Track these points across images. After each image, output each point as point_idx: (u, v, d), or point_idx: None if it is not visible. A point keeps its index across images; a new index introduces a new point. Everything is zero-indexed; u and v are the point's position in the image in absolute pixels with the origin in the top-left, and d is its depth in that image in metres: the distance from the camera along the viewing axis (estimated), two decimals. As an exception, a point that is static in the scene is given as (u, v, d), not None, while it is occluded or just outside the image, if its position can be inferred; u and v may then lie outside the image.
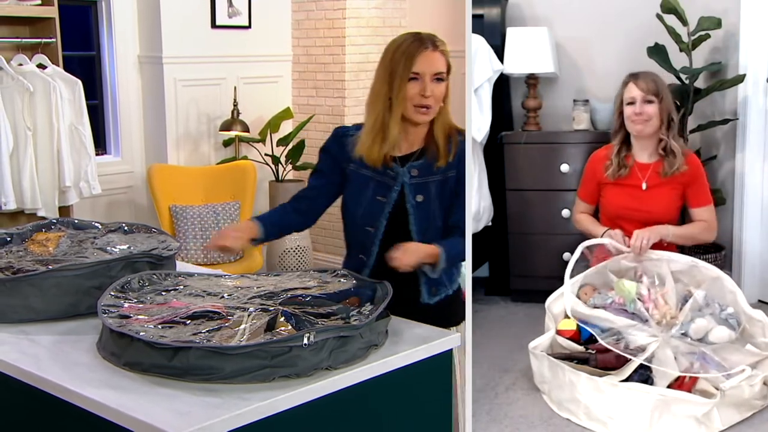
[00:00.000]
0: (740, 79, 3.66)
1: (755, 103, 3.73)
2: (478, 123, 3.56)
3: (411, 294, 2.06)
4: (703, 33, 3.60)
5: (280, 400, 1.48)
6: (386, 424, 1.70)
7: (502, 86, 3.96)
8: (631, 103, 3.11)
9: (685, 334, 2.77)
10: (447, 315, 2.11)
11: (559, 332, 2.90)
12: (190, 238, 4.36)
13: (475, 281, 3.88)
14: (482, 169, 3.66)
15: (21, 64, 3.67)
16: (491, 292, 3.92)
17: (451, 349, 1.79)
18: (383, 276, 2.02)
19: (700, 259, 3.13)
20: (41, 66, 3.71)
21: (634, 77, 3.16)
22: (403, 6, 5.21)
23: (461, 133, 2.04)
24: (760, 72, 3.70)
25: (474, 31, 3.56)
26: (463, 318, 2.14)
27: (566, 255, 3.50)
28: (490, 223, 3.79)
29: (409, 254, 1.92)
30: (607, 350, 2.75)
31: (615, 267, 3.01)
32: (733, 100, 3.81)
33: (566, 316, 2.94)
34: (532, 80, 3.92)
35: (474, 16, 3.75)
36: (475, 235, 3.41)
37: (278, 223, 2.17)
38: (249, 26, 4.99)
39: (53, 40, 3.74)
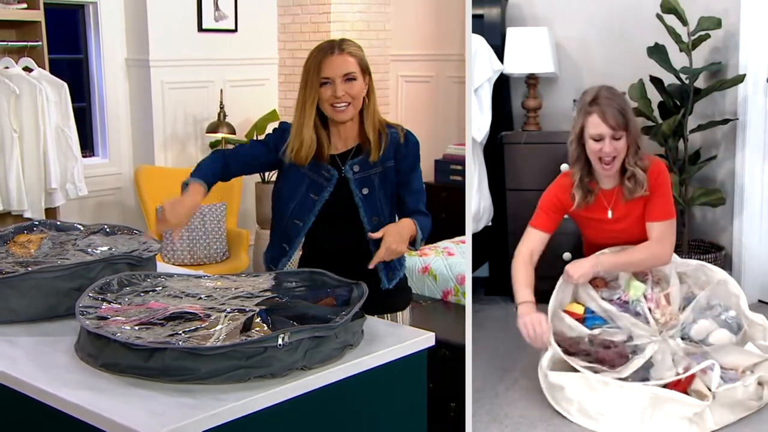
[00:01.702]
0: (740, 79, 3.57)
1: (755, 103, 3.64)
2: (478, 123, 3.48)
3: (372, 282, 2.09)
4: (703, 33, 3.51)
5: (254, 400, 1.47)
6: (361, 423, 1.69)
7: (502, 86, 3.89)
8: (598, 140, 2.73)
9: (685, 336, 2.71)
10: (403, 297, 2.25)
11: (566, 311, 2.79)
12: (177, 239, 4.33)
13: (475, 281, 3.78)
14: (482, 169, 3.57)
15: (7, 67, 3.63)
16: (491, 292, 3.83)
17: (425, 349, 1.78)
18: (308, 266, 2.11)
19: (699, 259, 3.02)
20: (27, 69, 3.68)
21: (597, 107, 2.73)
22: (387, 10, 5.20)
23: (390, 126, 2.16)
24: (760, 72, 3.61)
25: (474, 31, 3.48)
26: (412, 297, 2.28)
27: (566, 255, 3.46)
28: (490, 223, 3.71)
29: (397, 241, 1.97)
30: (608, 347, 2.67)
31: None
32: (733, 100, 3.72)
33: (575, 302, 2.85)
34: (532, 80, 3.84)
35: (474, 16, 3.64)
36: (475, 235, 3.31)
37: (214, 175, 2.14)
38: (235, 30, 4.97)
39: (39, 43, 3.71)
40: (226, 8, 4.91)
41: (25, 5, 3.66)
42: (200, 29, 4.81)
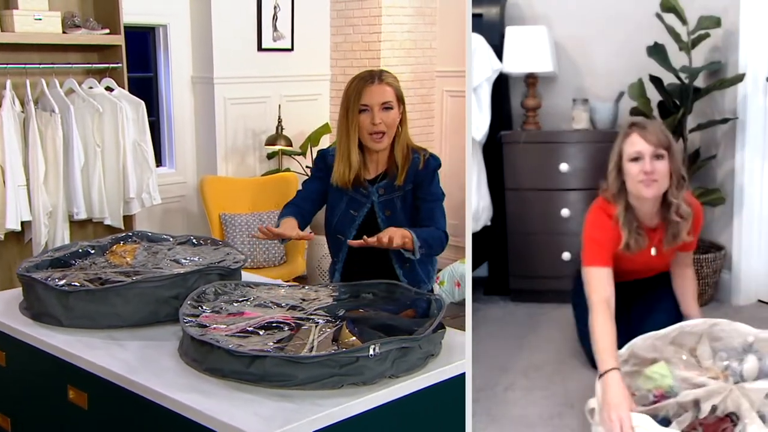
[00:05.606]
0: (740, 78, 3.40)
1: (755, 103, 3.46)
2: (477, 122, 3.37)
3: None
4: (702, 32, 3.36)
5: (350, 405, 1.51)
6: (442, 428, 1.73)
7: (502, 85, 3.72)
8: (637, 159, 2.42)
9: (741, 379, 2.18)
10: None
11: None
12: (238, 245, 4.41)
13: (475, 281, 3.63)
14: (481, 169, 3.45)
15: (91, 87, 3.73)
16: (490, 292, 3.66)
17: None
18: (352, 276, 2.19)
19: (700, 258, 2.81)
20: (109, 88, 3.77)
21: (638, 127, 2.44)
22: (434, 30, 5.24)
23: (417, 151, 2.20)
24: (759, 71, 3.45)
25: (473, 30, 3.25)
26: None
27: (566, 255, 3.36)
28: (489, 223, 3.56)
29: (391, 232, 2.01)
30: (701, 425, 2.06)
31: (636, 359, 2.32)
32: (732, 100, 3.54)
33: None
34: (531, 79, 3.68)
35: (473, 16, 3.46)
36: (474, 235, 3.17)
37: (302, 222, 2.25)
38: (292, 49, 5.04)
39: (119, 65, 3.80)
40: (284, 29, 4.99)
41: (107, 30, 3.76)
42: (260, 49, 4.89)
